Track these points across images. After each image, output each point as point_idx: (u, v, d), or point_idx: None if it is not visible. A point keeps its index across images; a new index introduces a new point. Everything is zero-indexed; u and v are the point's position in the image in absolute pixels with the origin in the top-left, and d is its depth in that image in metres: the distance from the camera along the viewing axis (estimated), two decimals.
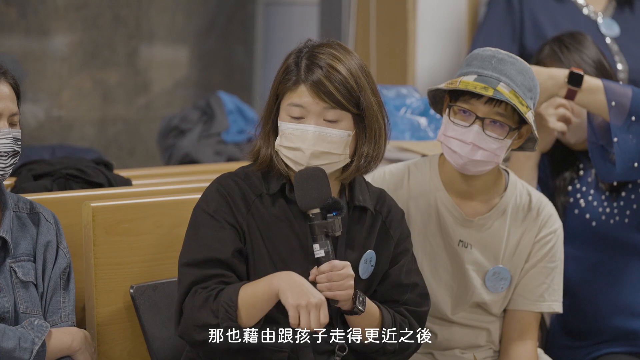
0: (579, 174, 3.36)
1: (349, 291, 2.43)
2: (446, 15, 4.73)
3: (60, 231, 2.70)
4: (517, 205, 2.92)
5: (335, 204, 2.46)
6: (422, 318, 2.63)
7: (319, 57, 2.49)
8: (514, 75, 2.74)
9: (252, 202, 2.52)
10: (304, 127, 2.48)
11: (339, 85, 2.46)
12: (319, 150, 2.48)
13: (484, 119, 2.73)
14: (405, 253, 2.63)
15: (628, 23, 4.07)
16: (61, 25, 6.02)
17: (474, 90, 2.70)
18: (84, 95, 6.15)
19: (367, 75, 2.53)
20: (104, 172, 3.34)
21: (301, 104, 2.48)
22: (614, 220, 3.29)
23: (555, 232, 2.95)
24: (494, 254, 2.90)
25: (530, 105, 2.76)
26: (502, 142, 2.75)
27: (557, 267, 2.95)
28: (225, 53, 6.70)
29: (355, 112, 2.49)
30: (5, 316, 2.55)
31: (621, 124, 3.05)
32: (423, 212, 2.88)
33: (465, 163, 2.78)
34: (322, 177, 2.46)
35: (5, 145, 2.57)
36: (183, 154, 5.29)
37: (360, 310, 2.47)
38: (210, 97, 5.55)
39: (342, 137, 2.49)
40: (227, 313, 2.41)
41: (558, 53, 3.33)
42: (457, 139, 2.76)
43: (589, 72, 3.26)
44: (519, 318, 2.94)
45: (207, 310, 2.43)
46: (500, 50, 2.80)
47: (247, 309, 2.42)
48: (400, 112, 4.14)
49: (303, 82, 2.48)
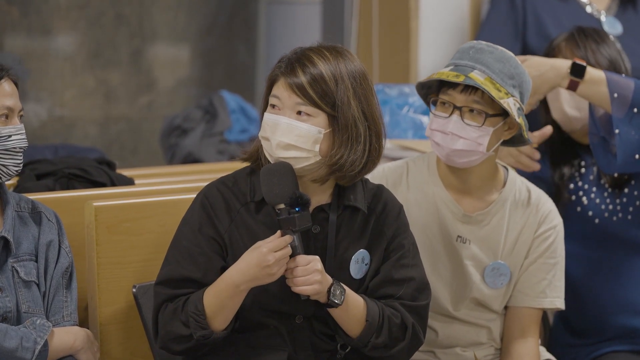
0: (581, 171, 3.36)
1: (315, 286, 2.43)
2: (448, 14, 4.72)
3: (62, 230, 2.70)
4: (516, 201, 2.92)
5: (299, 199, 2.45)
6: (420, 312, 2.59)
7: (306, 54, 2.51)
8: (491, 63, 2.76)
9: (236, 211, 2.53)
10: (276, 117, 2.50)
11: (312, 82, 2.47)
12: (285, 141, 2.48)
13: (462, 107, 2.76)
14: (399, 248, 2.61)
15: (631, 22, 4.07)
16: (64, 25, 6.03)
17: (447, 79, 2.74)
18: (86, 95, 6.15)
19: (358, 81, 2.51)
20: (107, 172, 3.34)
21: (278, 95, 2.51)
22: (616, 217, 3.29)
23: (555, 227, 2.94)
24: (492, 249, 2.91)
25: (514, 92, 2.77)
26: (481, 130, 2.76)
27: (558, 263, 2.95)
28: (228, 52, 6.70)
29: (329, 111, 2.49)
30: (8, 316, 2.55)
31: (623, 115, 3.05)
32: (422, 208, 2.89)
33: (447, 154, 2.79)
34: (286, 173, 2.46)
35: (21, 141, 2.59)
36: (186, 153, 5.29)
37: (336, 303, 2.47)
38: (212, 96, 5.55)
39: (310, 132, 2.48)
40: (197, 322, 2.44)
41: (576, 37, 3.33)
42: (439, 131, 2.79)
43: (602, 66, 3.26)
44: (520, 315, 2.93)
45: (177, 322, 2.47)
46: (481, 42, 2.83)
47: (215, 313, 2.45)
48: (402, 110, 4.14)
49: (282, 75, 2.50)
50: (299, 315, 2.54)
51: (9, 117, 2.58)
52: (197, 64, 6.63)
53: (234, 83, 6.60)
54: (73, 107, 6.12)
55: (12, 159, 2.59)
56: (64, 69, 6.04)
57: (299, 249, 2.45)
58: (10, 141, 2.58)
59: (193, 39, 6.57)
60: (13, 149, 2.58)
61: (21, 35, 5.92)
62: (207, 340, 2.45)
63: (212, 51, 6.63)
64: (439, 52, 4.71)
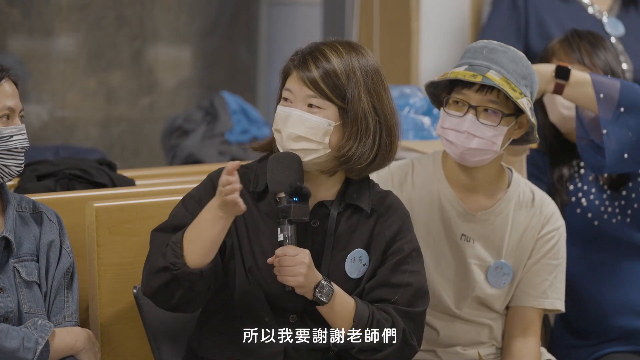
0: (580, 172, 3.36)
1: (299, 278, 2.44)
2: (450, 15, 4.73)
3: (63, 231, 2.70)
4: (520, 202, 2.93)
5: (299, 189, 2.47)
6: (415, 318, 2.58)
7: (319, 49, 2.54)
8: (505, 63, 2.77)
9: (242, 195, 2.53)
10: (288, 110, 2.53)
11: (323, 74, 2.50)
12: (295, 133, 2.51)
13: (477, 107, 2.77)
14: (398, 252, 2.60)
15: (633, 23, 4.07)
16: (65, 26, 6.02)
17: (464, 78, 2.75)
18: (87, 96, 6.15)
19: (371, 78, 2.55)
20: (108, 173, 3.34)
21: (290, 89, 2.54)
22: (615, 219, 3.29)
23: (558, 229, 2.95)
24: (496, 248, 2.91)
25: (526, 92, 2.78)
26: (497, 129, 2.77)
27: (560, 264, 2.95)
28: (229, 53, 6.70)
29: (340, 104, 2.51)
30: (9, 316, 2.55)
31: (610, 116, 3.06)
32: (426, 206, 2.90)
33: (462, 152, 2.80)
34: (292, 163, 2.50)
35: (22, 141, 2.60)
36: (187, 154, 5.28)
37: (322, 301, 2.48)
38: (213, 97, 5.54)
39: (321, 125, 2.51)
40: (174, 251, 2.44)
41: (570, 40, 3.33)
42: (452, 129, 2.79)
43: (598, 68, 3.26)
44: (522, 315, 2.94)
45: (158, 256, 2.48)
46: (492, 41, 2.83)
47: (192, 242, 2.44)
48: (403, 111, 4.14)
49: (295, 68, 2.53)
50: (292, 314, 2.54)
51: (10, 117, 2.59)
52: (198, 65, 6.63)
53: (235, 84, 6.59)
54: (74, 108, 6.11)
55: (14, 159, 2.59)
56: (65, 70, 6.04)
57: (290, 240, 2.46)
58: (12, 141, 2.58)
59: (194, 40, 6.57)
60: (15, 149, 2.59)
61: (22, 37, 5.92)
62: (177, 272, 2.43)
63: (213, 52, 6.63)
64: (440, 53, 4.71)
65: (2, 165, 2.58)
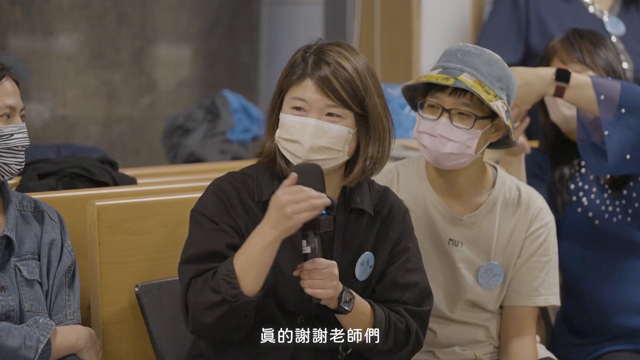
0: (581, 171, 3.36)
1: (330, 291, 2.42)
2: (451, 14, 4.73)
3: (64, 229, 2.71)
4: (506, 201, 2.92)
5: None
6: (423, 317, 2.60)
7: (328, 54, 2.50)
8: (479, 66, 2.76)
9: (249, 205, 2.52)
10: (304, 120, 2.49)
11: (344, 83, 2.47)
12: (318, 144, 2.48)
13: (451, 110, 2.76)
14: (404, 252, 2.61)
15: (634, 22, 4.07)
16: (66, 25, 6.03)
17: (436, 81, 2.74)
18: (89, 95, 6.15)
19: (373, 77, 2.54)
20: (109, 171, 3.34)
21: (304, 98, 2.49)
22: (616, 218, 3.29)
23: (546, 225, 2.94)
24: (485, 250, 2.90)
25: (502, 95, 2.77)
26: (470, 132, 2.76)
27: (551, 260, 2.94)
28: (230, 52, 6.70)
29: (358, 111, 2.50)
30: (11, 314, 2.55)
31: (611, 117, 3.06)
32: (412, 212, 2.87)
33: (436, 157, 2.79)
34: (316, 174, 2.45)
35: (23, 139, 2.60)
36: (188, 152, 5.29)
37: (346, 310, 2.47)
38: (215, 96, 5.55)
39: (342, 134, 2.49)
40: (228, 283, 2.38)
41: (571, 39, 3.33)
42: (427, 133, 2.79)
43: (599, 67, 3.26)
44: (516, 314, 2.93)
45: (208, 291, 2.40)
46: (468, 44, 2.83)
47: (245, 272, 2.39)
48: (404, 110, 4.14)
49: (309, 76, 2.49)
50: (300, 315, 2.54)
51: (11, 116, 2.59)
52: (199, 64, 6.63)
53: (236, 83, 6.60)
54: (75, 107, 6.12)
55: (15, 157, 2.59)
56: (67, 69, 6.05)
57: (317, 252, 2.43)
58: (13, 140, 2.58)
59: (195, 39, 6.57)
60: (15, 147, 2.59)
61: (24, 36, 5.92)
62: (238, 303, 2.37)
63: (215, 51, 6.63)
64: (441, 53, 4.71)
65: (2, 163, 2.58)
